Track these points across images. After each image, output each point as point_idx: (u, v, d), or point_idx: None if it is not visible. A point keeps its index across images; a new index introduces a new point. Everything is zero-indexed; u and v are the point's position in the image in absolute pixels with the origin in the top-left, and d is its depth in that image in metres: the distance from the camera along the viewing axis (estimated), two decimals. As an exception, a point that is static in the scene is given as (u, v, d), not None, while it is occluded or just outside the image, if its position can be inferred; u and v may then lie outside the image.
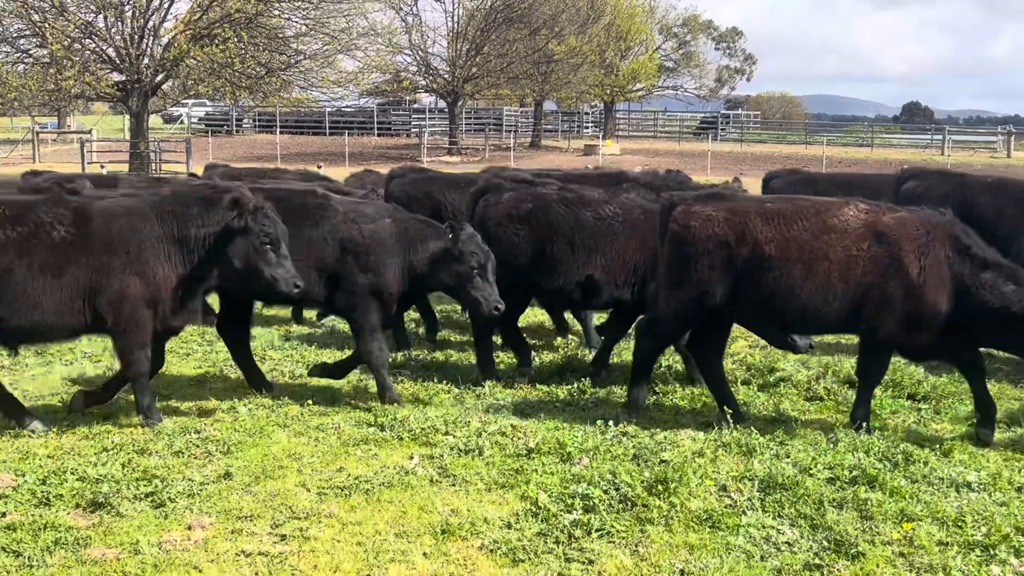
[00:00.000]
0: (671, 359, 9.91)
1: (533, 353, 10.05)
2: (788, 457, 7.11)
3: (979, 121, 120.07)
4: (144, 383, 7.81)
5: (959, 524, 5.99)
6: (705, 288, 7.86)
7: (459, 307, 11.08)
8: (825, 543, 5.78)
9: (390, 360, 9.18)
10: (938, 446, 7.36)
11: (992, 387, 9.12)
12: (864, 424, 7.70)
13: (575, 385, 9.07)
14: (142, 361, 7.69)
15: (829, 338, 10.48)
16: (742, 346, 10.75)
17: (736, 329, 10.19)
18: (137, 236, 7.58)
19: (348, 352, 9.46)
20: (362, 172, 16.69)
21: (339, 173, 21.50)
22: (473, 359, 9.78)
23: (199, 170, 21.19)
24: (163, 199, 7.86)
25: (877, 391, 8.73)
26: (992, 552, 5.65)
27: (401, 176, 12.28)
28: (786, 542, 5.80)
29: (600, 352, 9.81)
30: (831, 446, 7.33)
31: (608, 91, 64.22)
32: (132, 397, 7.89)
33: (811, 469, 6.80)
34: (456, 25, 53.80)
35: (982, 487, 6.60)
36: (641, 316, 8.99)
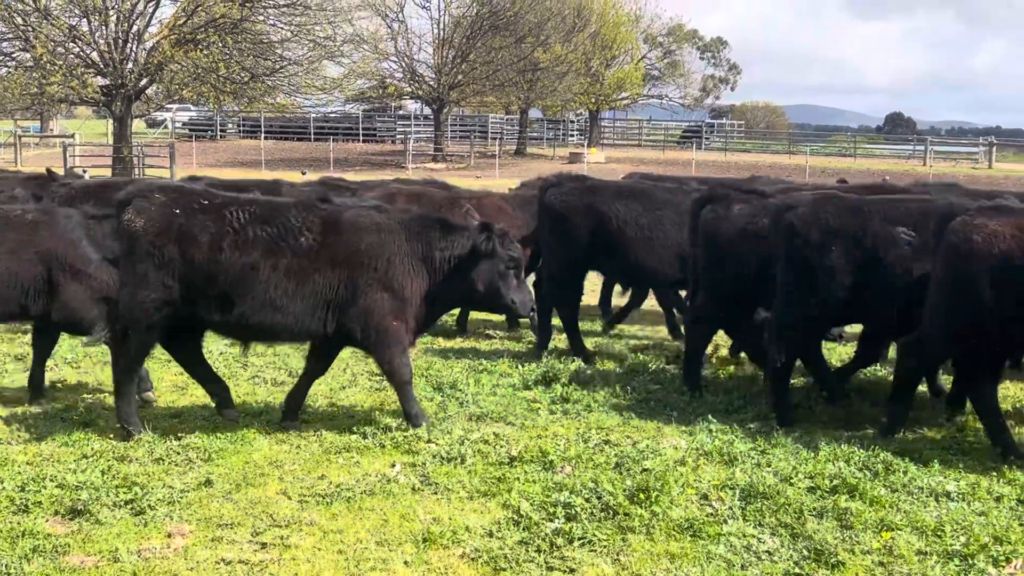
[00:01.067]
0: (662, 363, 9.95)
1: (516, 360, 10.05)
2: (769, 466, 7.13)
3: (961, 132, 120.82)
4: (409, 391, 8.02)
5: (938, 533, 6.02)
6: (986, 309, 7.26)
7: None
8: (805, 552, 5.80)
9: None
10: (918, 455, 7.39)
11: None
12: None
13: (559, 393, 9.07)
14: (405, 370, 7.90)
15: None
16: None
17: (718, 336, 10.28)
18: (386, 251, 7.75)
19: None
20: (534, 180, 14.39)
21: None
22: (457, 367, 9.78)
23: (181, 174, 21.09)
24: (412, 218, 8.14)
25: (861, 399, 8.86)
26: (971, 561, 5.68)
27: (557, 185, 11.15)
28: (767, 551, 5.82)
29: (839, 373, 9.44)
30: (812, 455, 7.36)
31: (593, 99, 64.45)
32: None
33: (792, 478, 6.82)
34: (442, 32, 53.89)
35: (961, 496, 6.63)
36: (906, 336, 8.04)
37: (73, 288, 8.38)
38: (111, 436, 7.62)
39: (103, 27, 32.70)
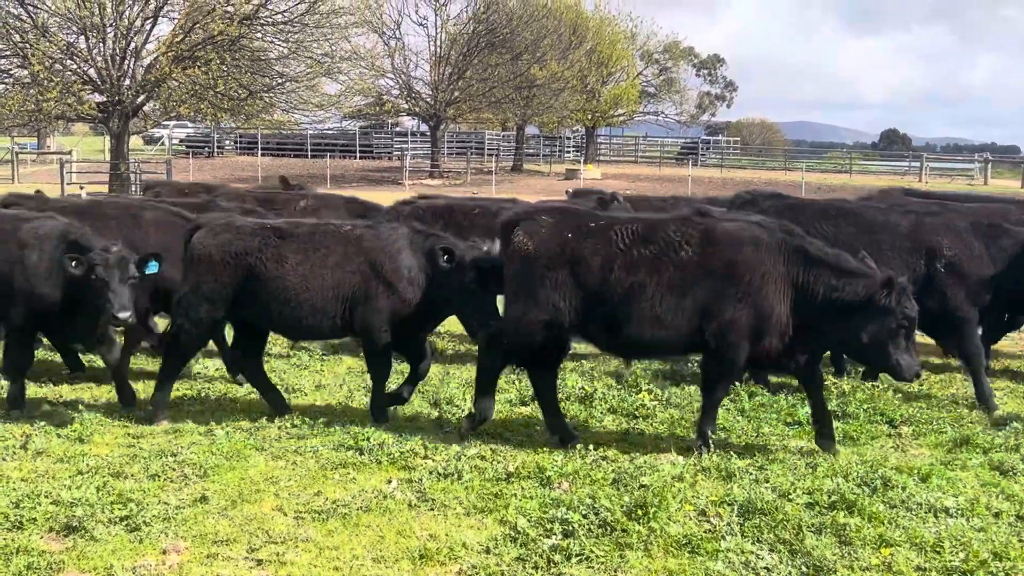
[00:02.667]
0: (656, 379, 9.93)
1: (514, 377, 10.03)
2: (767, 482, 7.10)
3: (956, 148, 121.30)
4: (712, 413, 8.03)
5: (937, 549, 5.99)
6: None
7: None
8: (804, 568, 5.77)
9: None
10: (916, 471, 7.36)
11: (971, 415, 9.21)
12: None
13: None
14: (720, 393, 7.92)
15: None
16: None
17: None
18: (761, 267, 7.67)
19: (324, 373, 9.40)
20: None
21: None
22: (453, 383, 9.77)
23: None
24: (799, 245, 7.84)
25: (860, 415, 8.86)
26: (970, 578, 5.66)
27: (752, 203, 10.70)
28: (765, 567, 5.79)
29: None
30: (810, 471, 7.34)
31: (589, 116, 64.60)
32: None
33: (790, 494, 6.80)
34: (439, 49, 54.06)
35: (960, 512, 6.61)
36: None
37: (379, 304, 8.46)
38: (107, 451, 7.58)
39: (101, 44, 32.82)
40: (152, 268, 8.64)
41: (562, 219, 8.01)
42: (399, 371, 9.73)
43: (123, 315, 8.23)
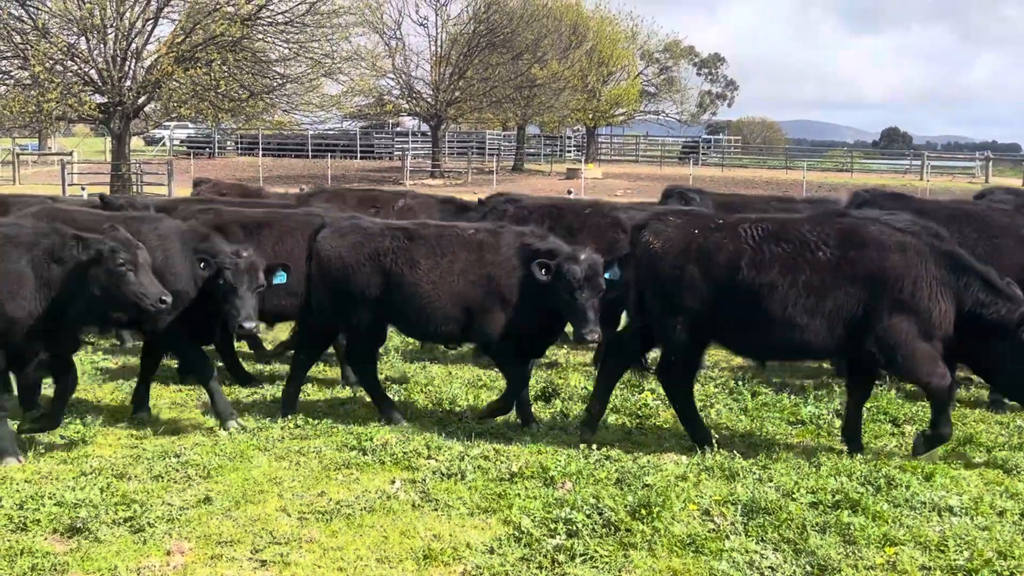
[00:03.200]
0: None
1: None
2: (771, 481, 7.10)
3: (957, 147, 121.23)
4: (947, 403, 7.74)
5: (941, 548, 5.98)
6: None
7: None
8: (808, 568, 5.76)
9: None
10: (920, 470, 7.36)
11: (974, 413, 9.21)
12: None
13: (559, 408, 9.05)
14: (942, 379, 7.56)
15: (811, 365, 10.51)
16: (724, 367, 10.76)
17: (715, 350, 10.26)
18: (912, 272, 7.48)
19: (328, 375, 9.39)
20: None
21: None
22: (456, 382, 9.76)
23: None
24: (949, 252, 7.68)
25: (863, 414, 8.84)
26: (975, 576, 5.65)
27: (871, 203, 10.42)
28: (769, 567, 5.78)
29: None
30: (814, 470, 7.33)
31: (590, 115, 64.59)
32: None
33: (794, 493, 6.79)
34: (439, 49, 54.09)
35: (964, 511, 6.60)
36: None
37: (499, 313, 8.29)
38: (111, 452, 7.58)
39: (101, 45, 32.84)
40: (280, 278, 8.44)
41: (690, 220, 7.89)
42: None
43: (248, 325, 8.05)
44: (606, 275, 8.12)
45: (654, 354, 9.05)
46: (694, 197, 13.11)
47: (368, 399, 8.94)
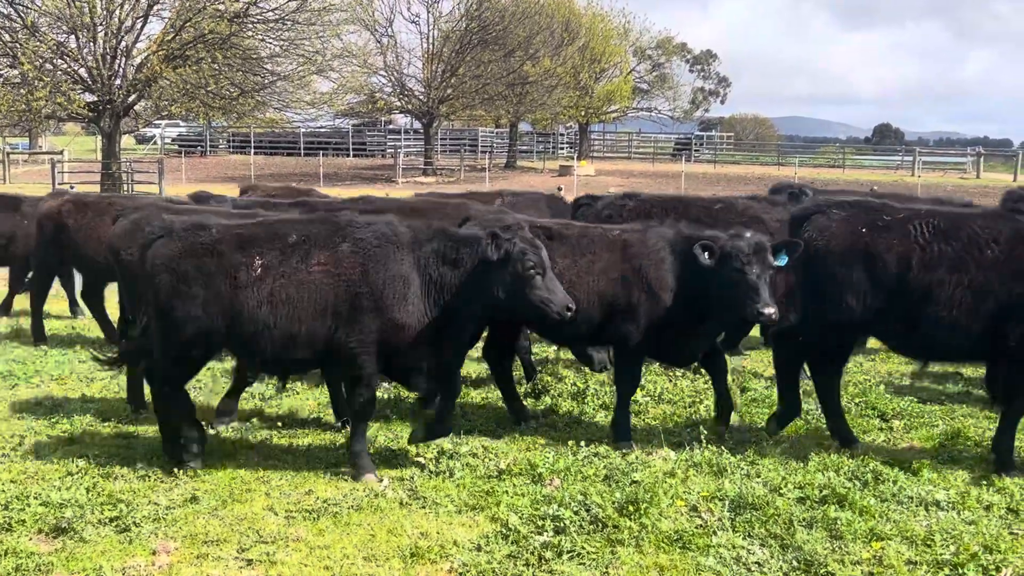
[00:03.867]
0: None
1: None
2: (759, 477, 7.10)
3: (949, 143, 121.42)
4: None
5: (928, 543, 5.99)
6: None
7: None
8: (795, 563, 5.76)
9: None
10: (908, 465, 7.37)
11: (962, 408, 9.22)
12: None
13: (547, 404, 9.04)
14: None
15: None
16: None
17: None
18: None
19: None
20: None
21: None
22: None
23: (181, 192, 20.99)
24: None
25: (851, 409, 8.86)
26: (961, 571, 5.65)
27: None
28: (756, 562, 5.78)
29: None
30: (801, 465, 7.34)
31: (583, 112, 64.62)
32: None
33: (781, 489, 6.79)
34: (431, 47, 54.00)
35: (951, 506, 6.61)
36: None
37: (640, 312, 7.88)
38: (97, 452, 7.55)
39: (91, 43, 32.69)
40: (782, 260, 7.64)
41: (855, 213, 7.66)
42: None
43: (768, 311, 7.34)
44: (776, 261, 7.56)
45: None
46: (807, 193, 12.60)
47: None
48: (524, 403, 8.81)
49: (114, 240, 9.19)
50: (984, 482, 7.13)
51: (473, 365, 10.72)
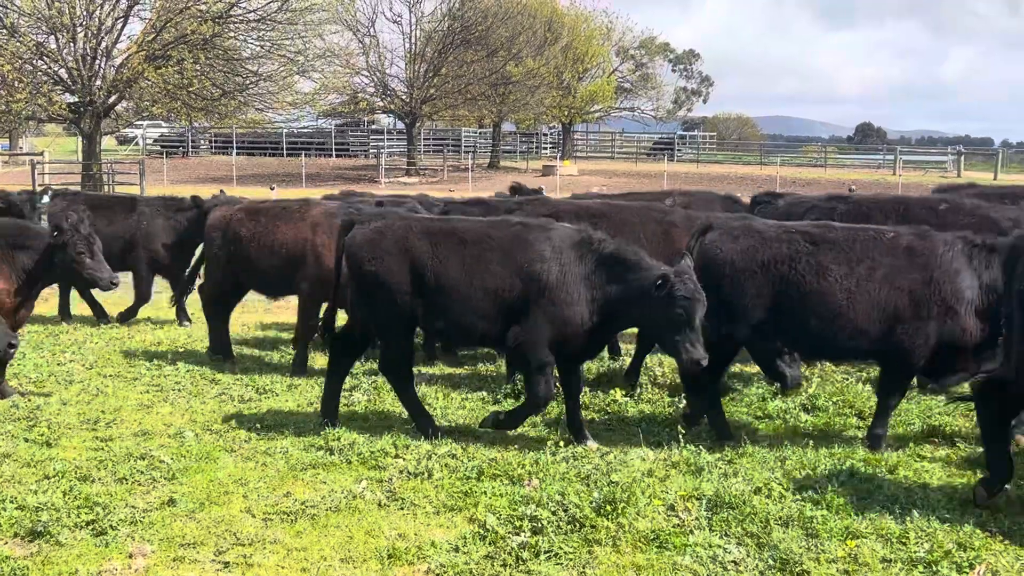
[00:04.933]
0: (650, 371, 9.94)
1: (487, 375, 10.02)
2: (736, 476, 7.13)
3: (931, 141, 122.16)
4: None
5: (903, 541, 6.03)
6: None
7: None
8: (771, 561, 5.79)
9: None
10: (884, 463, 7.41)
11: (939, 407, 9.27)
12: None
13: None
14: None
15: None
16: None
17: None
18: None
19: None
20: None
21: (298, 195, 21.31)
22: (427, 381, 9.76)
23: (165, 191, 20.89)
24: None
25: (829, 408, 8.94)
26: (935, 568, 5.69)
27: None
28: (732, 561, 5.81)
29: None
30: (779, 464, 7.37)
31: (566, 112, 64.68)
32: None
33: (759, 487, 6.82)
34: (414, 47, 53.94)
35: (926, 504, 6.66)
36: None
37: (931, 326, 7.47)
38: (75, 455, 7.52)
39: (71, 44, 32.53)
40: None
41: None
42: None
43: None
44: None
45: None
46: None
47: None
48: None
49: (356, 249, 8.16)
50: (960, 481, 7.18)
51: (448, 368, 10.74)
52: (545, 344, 7.70)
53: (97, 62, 33.09)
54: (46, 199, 13.70)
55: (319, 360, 10.99)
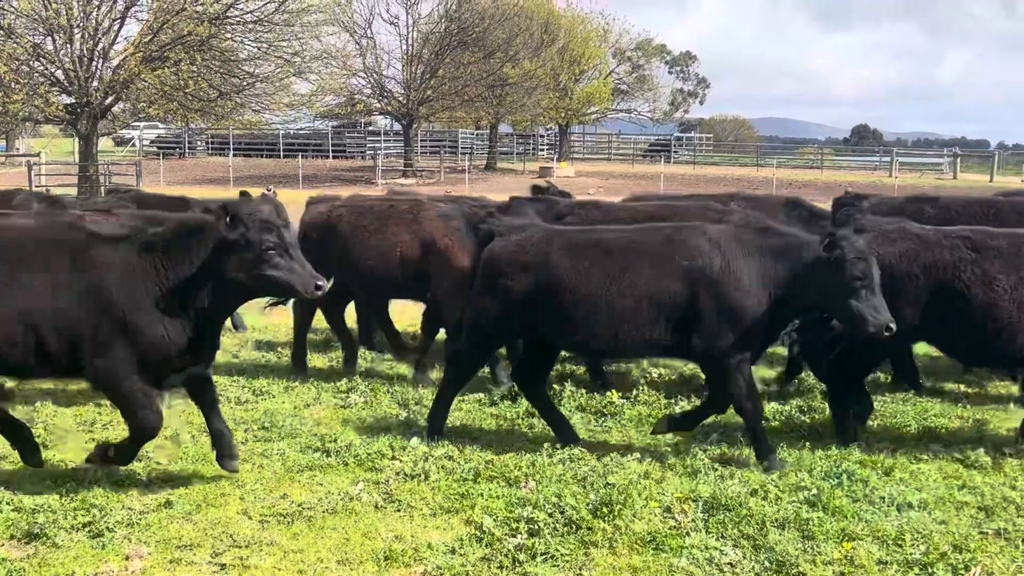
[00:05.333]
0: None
1: (483, 377, 10.03)
2: (733, 478, 7.14)
3: (927, 143, 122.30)
4: None
5: (899, 543, 6.05)
6: None
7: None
8: (767, 563, 5.81)
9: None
10: (880, 465, 7.43)
11: (935, 408, 9.30)
12: None
13: (525, 408, 9.05)
14: None
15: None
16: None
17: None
18: None
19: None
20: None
21: (294, 196, 21.29)
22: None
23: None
24: None
25: (824, 409, 8.92)
26: (931, 570, 5.71)
27: None
28: (729, 563, 5.82)
29: None
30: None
31: (563, 114, 64.65)
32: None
33: (755, 489, 6.83)
34: (411, 48, 53.88)
35: (922, 506, 6.67)
36: None
37: None
38: (71, 457, 7.52)
39: (68, 45, 32.47)
40: None
41: None
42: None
43: None
44: None
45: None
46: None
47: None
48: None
49: (495, 262, 7.90)
50: (956, 482, 7.20)
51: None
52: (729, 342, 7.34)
53: (94, 63, 33.01)
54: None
55: (316, 360, 11.01)
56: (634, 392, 9.53)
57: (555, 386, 9.60)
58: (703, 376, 10.13)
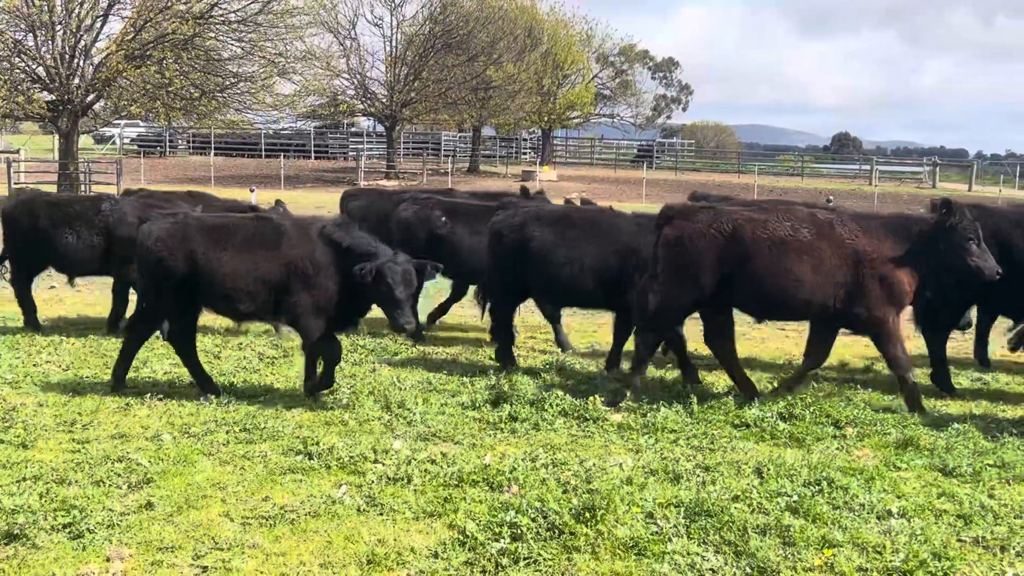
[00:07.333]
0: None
1: (467, 379, 10.03)
2: (715, 484, 7.17)
3: (906, 152, 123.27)
4: None
5: (879, 550, 6.09)
6: None
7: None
8: (748, 569, 5.83)
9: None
10: (861, 473, 7.48)
11: (914, 416, 9.36)
12: None
13: (507, 412, 9.07)
14: None
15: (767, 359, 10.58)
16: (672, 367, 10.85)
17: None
18: None
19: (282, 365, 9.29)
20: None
21: (273, 197, 21.26)
22: (406, 385, 9.73)
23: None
24: None
25: (806, 416, 9.01)
26: (910, 578, 5.76)
27: None
28: (710, 569, 5.84)
29: None
30: (757, 472, 7.41)
31: (545, 118, 64.82)
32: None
33: (737, 495, 6.86)
34: (394, 50, 53.89)
35: (903, 513, 6.72)
36: None
37: None
38: (52, 457, 7.47)
39: (50, 42, 32.29)
40: None
41: None
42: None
43: None
44: None
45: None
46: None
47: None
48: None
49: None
50: (936, 489, 7.26)
51: (427, 373, 10.73)
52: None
53: (76, 60, 32.86)
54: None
55: (297, 364, 10.97)
56: (616, 398, 9.55)
57: (538, 391, 9.63)
58: (681, 379, 10.25)
